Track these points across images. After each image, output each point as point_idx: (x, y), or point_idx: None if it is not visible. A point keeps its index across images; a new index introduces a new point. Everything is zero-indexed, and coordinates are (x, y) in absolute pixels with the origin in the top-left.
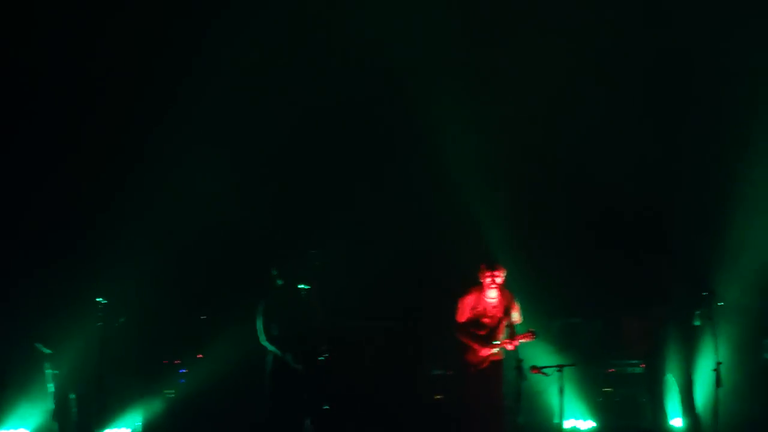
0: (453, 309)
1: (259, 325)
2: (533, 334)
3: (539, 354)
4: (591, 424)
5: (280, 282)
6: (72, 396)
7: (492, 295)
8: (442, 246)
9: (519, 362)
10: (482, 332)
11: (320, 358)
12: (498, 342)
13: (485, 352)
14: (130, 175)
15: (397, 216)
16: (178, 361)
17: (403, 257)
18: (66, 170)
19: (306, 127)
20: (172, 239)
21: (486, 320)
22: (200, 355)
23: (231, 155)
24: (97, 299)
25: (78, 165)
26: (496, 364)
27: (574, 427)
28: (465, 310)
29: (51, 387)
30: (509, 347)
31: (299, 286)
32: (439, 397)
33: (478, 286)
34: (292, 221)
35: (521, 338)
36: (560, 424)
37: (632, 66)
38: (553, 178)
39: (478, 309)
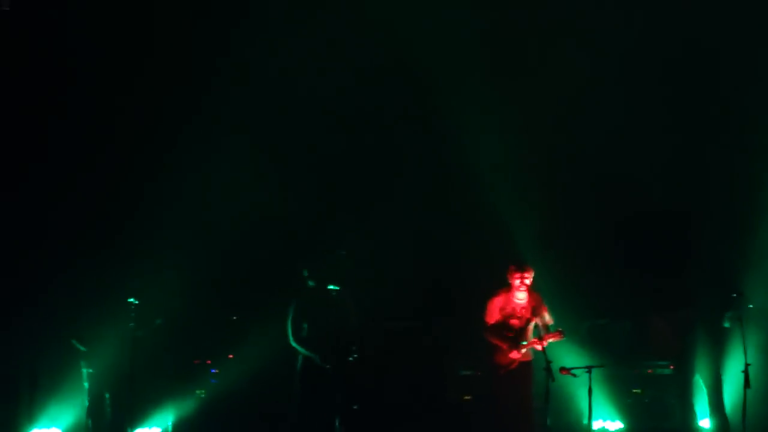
0: (482, 310)
1: (289, 325)
2: (562, 333)
3: (568, 355)
4: (619, 425)
5: (311, 283)
6: (107, 395)
7: (521, 297)
8: (471, 247)
9: (548, 363)
10: (511, 333)
11: (350, 359)
12: (526, 342)
13: (514, 353)
14: (163, 174)
15: (427, 217)
16: (210, 362)
17: (433, 258)
18: (100, 167)
19: (335, 127)
20: (203, 240)
21: (514, 321)
22: (231, 356)
23: (263, 156)
24: (129, 300)
25: (112, 162)
26: (525, 366)
27: (603, 428)
28: (494, 311)
29: (86, 385)
30: (538, 347)
31: (330, 287)
32: (467, 397)
33: (507, 287)
34: (323, 221)
35: (550, 338)
36: (589, 426)
37: (661, 67)
38: (582, 180)
39: (507, 310)
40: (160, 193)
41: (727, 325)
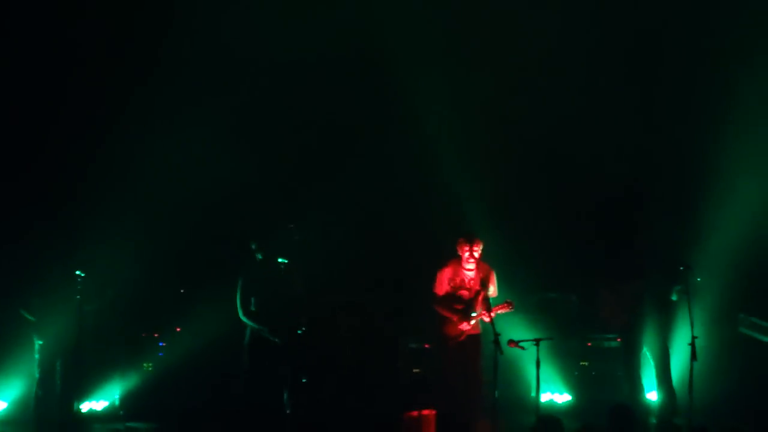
0: (431, 282)
1: (238, 299)
2: (510, 304)
3: (516, 328)
4: (567, 397)
5: (259, 256)
6: (57, 367)
7: (470, 268)
8: (420, 219)
9: (496, 336)
10: (460, 305)
11: (298, 332)
12: (475, 314)
13: (463, 324)
14: (113, 143)
15: (376, 189)
16: (157, 335)
17: (382, 230)
18: (49, 135)
19: (285, 98)
20: (153, 211)
21: (463, 292)
22: (178, 329)
23: (210, 125)
24: (76, 272)
25: (61, 130)
26: (474, 338)
27: (551, 400)
28: (443, 282)
29: (36, 357)
30: (486, 319)
31: (278, 260)
32: (417, 370)
33: (456, 259)
34: (271, 194)
35: (498, 309)
36: (537, 398)
37: (612, 44)
38: (533, 154)
39: (456, 281)
40: (111, 162)
41: (674, 298)
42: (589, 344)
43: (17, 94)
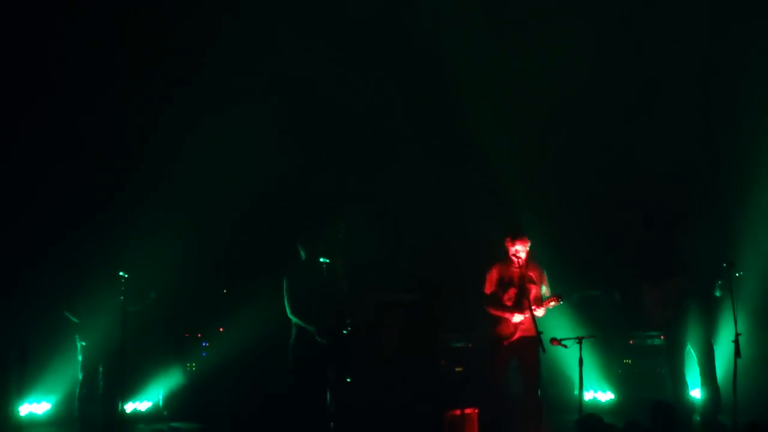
0: (480, 282)
1: (286, 298)
2: (559, 297)
3: (559, 326)
4: (610, 395)
5: (304, 255)
6: (100, 368)
7: (518, 266)
8: (467, 218)
9: (539, 334)
10: (510, 303)
11: (343, 332)
12: (527, 309)
13: (515, 317)
14: (155, 145)
15: (423, 190)
16: (200, 335)
17: (427, 229)
18: (94, 138)
19: (330, 97)
20: (197, 212)
21: (512, 290)
22: (222, 329)
23: (255, 124)
24: (120, 273)
25: (103, 132)
26: (530, 340)
27: (594, 398)
28: (492, 281)
29: (80, 358)
30: (539, 313)
31: (322, 260)
32: (459, 369)
33: (505, 258)
34: (316, 194)
35: (549, 303)
36: (580, 396)
37: (660, 36)
38: (577, 150)
39: (505, 280)
40: (155, 162)
41: (717, 294)
42: (632, 342)
43: (60, 93)
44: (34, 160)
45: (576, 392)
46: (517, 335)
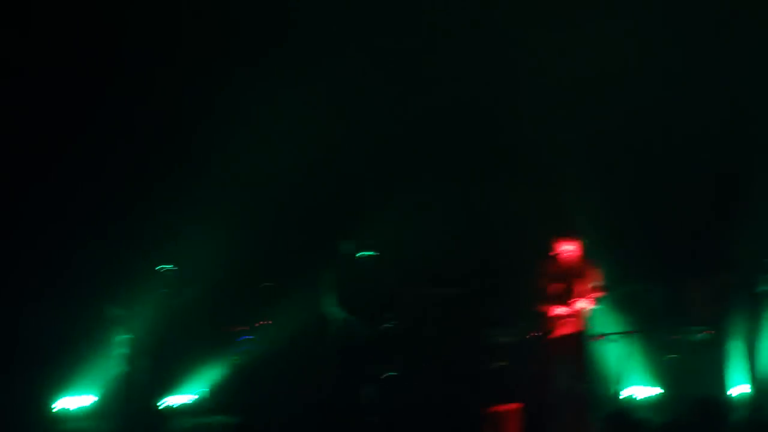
0: (524, 276)
1: (328, 292)
2: (605, 290)
3: (605, 321)
4: (656, 390)
5: (346, 249)
6: (143, 361)
7: (568, 263)
8: (515, 213)
9: (586, 330)
10: (557, 298)
11: (385, 326)
12: (575, 303)
13: (564, 313)
14: (199, 138)
15: (468, 182)
16: (244, 328)
17: (473, 224)
18: (135, 129)
19: (377, 88)
20: (237, 204)
21: (560, 286)
22: (265, 322)
23: (302, 114)
24: (163, 266)
25: (148, 122)
26: (574, 335)
27: (635, 394)
28: (542, 278)
29: (124, 351)
30: (585, 308)
31: (366, 253)
32: (503, 363)
33: (554, 255)
34: (357, 188)
35: (595, 295)
36: (617, 392)
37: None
38: (623, 142)
39: (552, 276)
40: (198, 155)
41: (764, 288)
42: (678, 337)
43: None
44: (77, 150)
45: (619, 387)
46: (563, 330)
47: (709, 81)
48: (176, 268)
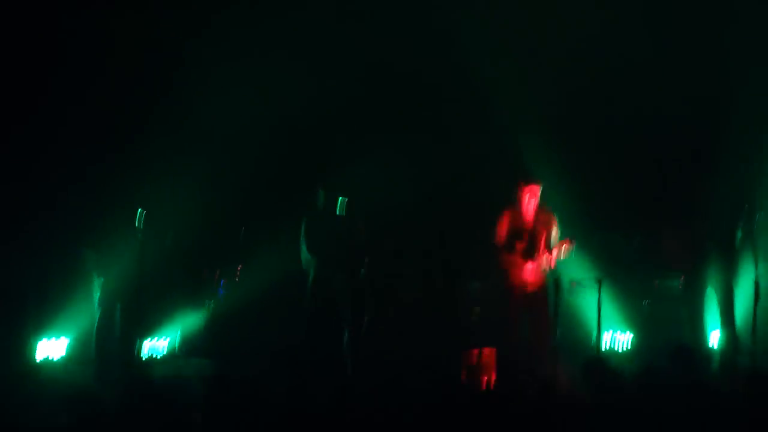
0: (491, 230)
1: (303, 239)
2: (571, 241)
3: (577, 268)
4: (629, 336)
5: (323, 197)
6: (118, 305)
7: (529, 212)
8: (477, 164)
9: (556, 278)
10: (522, 250)
11: (359, 275)
12: (540, 255)
13: (529, 266)
14: (175, 80)
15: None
16: (219, 272)
17: (442, 175)
18: (112, 72)
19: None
20: (214, 148)
21: (525, 237)
22: (240, 267)
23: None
24: (138, 210)
25: (123, 68)
26: (538, 285)
27: (612, 340)
28: (503, 229)
29: (97, 294)
30: (551, 259)
31: (340, 198)
32: (477, 309)
33: (516, 204)
34: (333, 139)
35: (559, 248)
36: (597, 341)
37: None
38: (593, 89)
39: (517, 226)
40: (177, 99)
41: (738, 236)
42: (652, 283)
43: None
44: (52, 96)
45: (594, 334)
46: (529, 282)
47: (675, 27)
48: (151, 212)
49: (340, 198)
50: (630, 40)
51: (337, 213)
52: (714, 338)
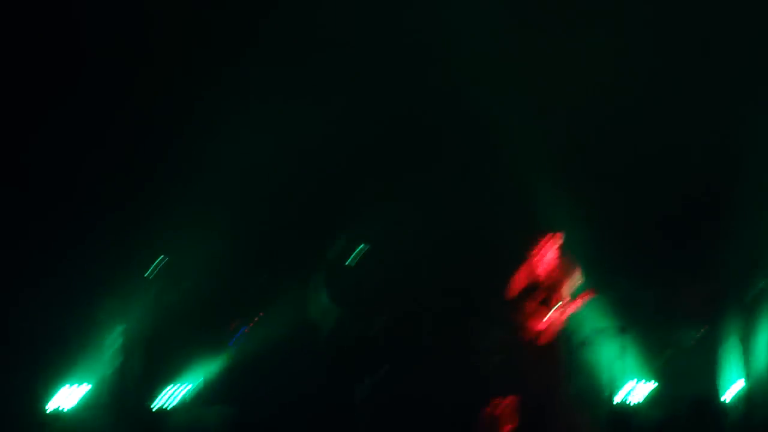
0: (507, 282)
1: (319, 288)
2: (593, 292)
3: (596, 319)
4: (651, 385)
5: (338, 246)
6: (138, 352)
7: (548, 262)
8: (497, 218)
9: (573, 330)
10: (540, 301)
11: (377, 325)
12: (558, 307)
13: (544, 322)
14: (198, 128)
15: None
16: (238, 322)
17: (456, 231)
18: (133, 117)
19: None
20: (234, 199)
21: (544, 287)
22: (259, 315)
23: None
24: (159, 259)
25: (145, 110)
26: (555, 336)
27: (624, 399)
28: (520, 280)
29: (119, 341)
30: (570, 311)
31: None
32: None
33: (535, 253)
34: (349, 185)
35: (581, 298)
36: (613, 393)
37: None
38: (611, 147)
39: (536, 276)
40: (195, 151)
41: (757, 291)
42: (671, 337)
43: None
44: (70, 140)
45: (610, 388)
46: (548, 331)
47: (696, 81)
48: (171, 260)
49: (360, 246)
50: (647, 88)
51: (356, 261)
52: (733, 390)
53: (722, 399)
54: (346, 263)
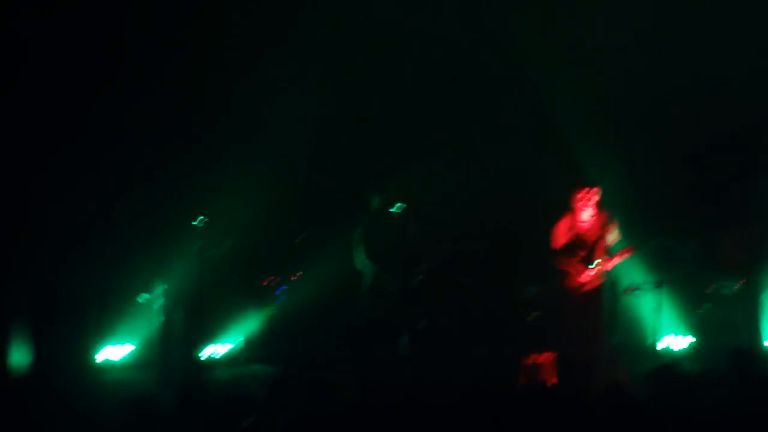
0: (548, 235)
1: (356, 247)
2: (633, 249)
3: (635, 272)
4: (690, 339)
5: (376, 203)
6: (181, 311)
7: (587, 216)
8: (536, 165)
9: (614, 282)
10: (580, 256)
11: (414, 280)
12: (597, 263)
13: (585, 275)
14: (236, 92)
15: (491, 135)
16: (278, 280)
17: (498, 177)
18: (172, 84)
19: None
20: (273, 156)
21: (583, 242)
22: (299, 274)
23: (335, 82)
24: (198, 218)
25: (184, 79)
26: (596, 289)
27: (668, 346)
28: (561, 234)
29: (161, 301)
30: (609, 267)
31: (395, 207)
32: (535, 315)
33: (572, 208)
34: (389, 142)
35: (620, 256)
36: (654, 344)
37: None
38: (651, 96)
39: (574, 231)
40: (235, 108)
41: None
42: (710, 289)
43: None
44: (111, 105)
45: (652, 340)
46: (587, 286)
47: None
48: (211, 220)
49: (398, 203)
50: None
51: (394, 217)
52: None
53: (759, 351)
54: (382, 221)
